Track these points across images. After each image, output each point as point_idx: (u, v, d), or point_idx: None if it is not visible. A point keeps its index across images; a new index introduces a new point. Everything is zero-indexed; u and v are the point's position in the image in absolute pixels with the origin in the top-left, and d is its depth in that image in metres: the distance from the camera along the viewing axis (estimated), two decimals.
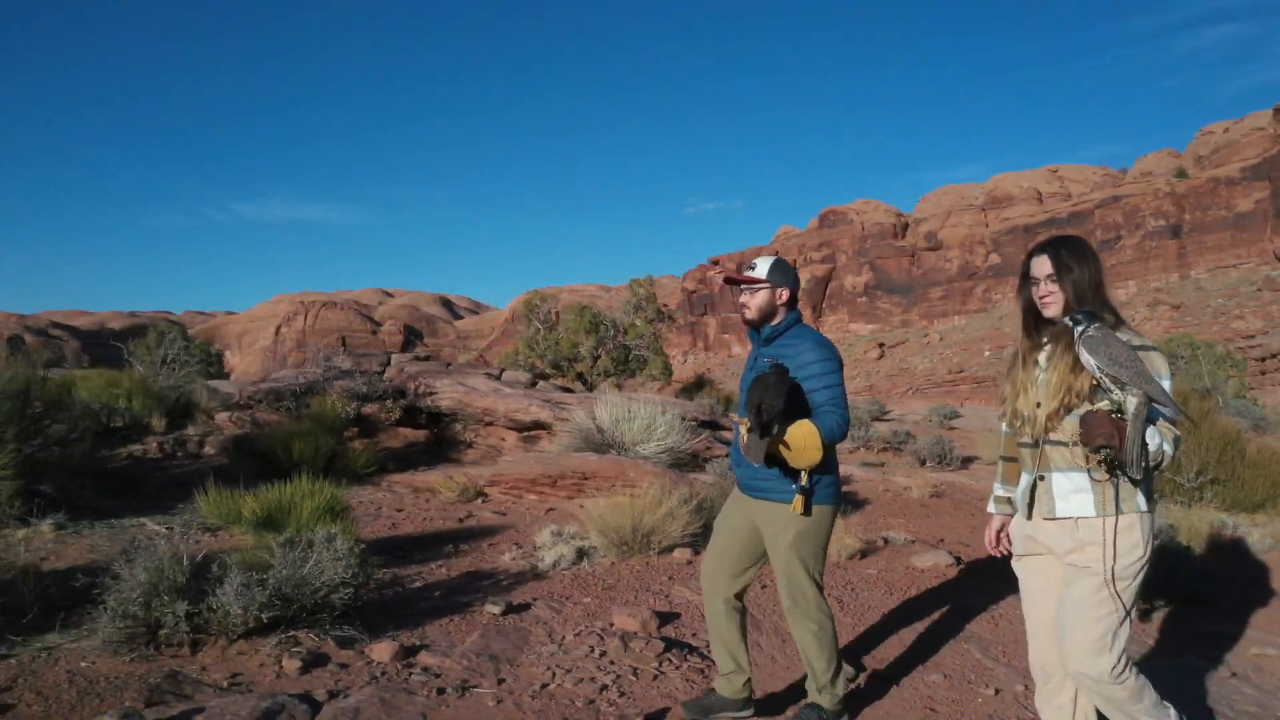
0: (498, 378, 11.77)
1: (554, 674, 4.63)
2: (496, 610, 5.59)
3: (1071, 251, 2.99)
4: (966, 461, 13.56)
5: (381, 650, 4.80)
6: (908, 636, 5.30)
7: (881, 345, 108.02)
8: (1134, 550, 2.85)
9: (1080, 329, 2.82)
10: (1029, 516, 3.07)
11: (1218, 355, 21.73)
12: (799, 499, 3.64)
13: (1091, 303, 2.93)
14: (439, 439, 10.79)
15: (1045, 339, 3.06)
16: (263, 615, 4.66)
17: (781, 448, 3.52)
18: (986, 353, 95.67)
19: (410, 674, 4.59)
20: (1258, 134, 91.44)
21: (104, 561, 6.45)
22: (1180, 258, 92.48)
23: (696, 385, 18.93)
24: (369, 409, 10.25)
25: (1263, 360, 66.92)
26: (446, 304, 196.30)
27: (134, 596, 4.58)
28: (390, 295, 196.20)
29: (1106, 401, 2.76)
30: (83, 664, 4.47)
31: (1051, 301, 3.00)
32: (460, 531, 7.89)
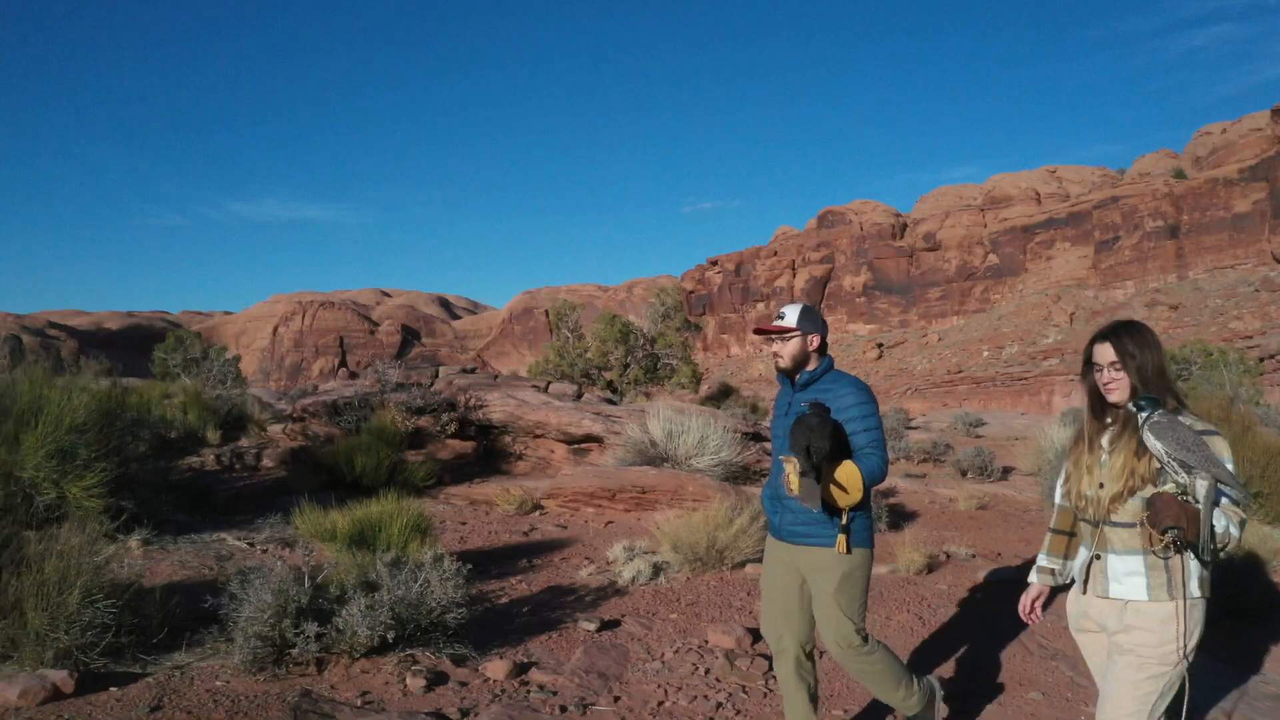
0: (545, 390, 11.99)
1: (666, 692, 4.84)
2: (591, 627, 5.80)
3: (1133, 338, 3.08)
4: (1005, 472, 13.78)
5: (496, 668, 5.00)
6: (995, 653, 5.51)
7: (880, 345, 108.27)
8: (1181, 638, 2.91)
9: (1145, 415, 2.91)
10: (1084, 591, 3.16)
11: (1230, 361, 21.94)
12: (842, 539, 3.67)
13: (1155, 387, 3.00)
14: (487, 450, 11.00)
15: (1110, 421, 3.14)
16: (387, 635, 4.88)
17: (834, 488, 3.56)
18: (985, 353, 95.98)
19: (528, 692, 4.80)
20: (1255, 135, 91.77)
21: (197, 578, 6.67)
22: (1178, 258, 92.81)
23: (723, 393, 19.13)
24: (421, 421, 10.46)
25: (1261, 361, 67.28)
26: (444, 304, 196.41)
27: (264, 617, 4.78)
28: (388, 295, 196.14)
29: (1171, 485, 2.85)
30: (218, 683, 4.67)
31: (1116, 387, 3.08)
32: (528, 545, 8.09)
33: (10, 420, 6.81)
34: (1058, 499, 3.37)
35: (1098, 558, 3.09)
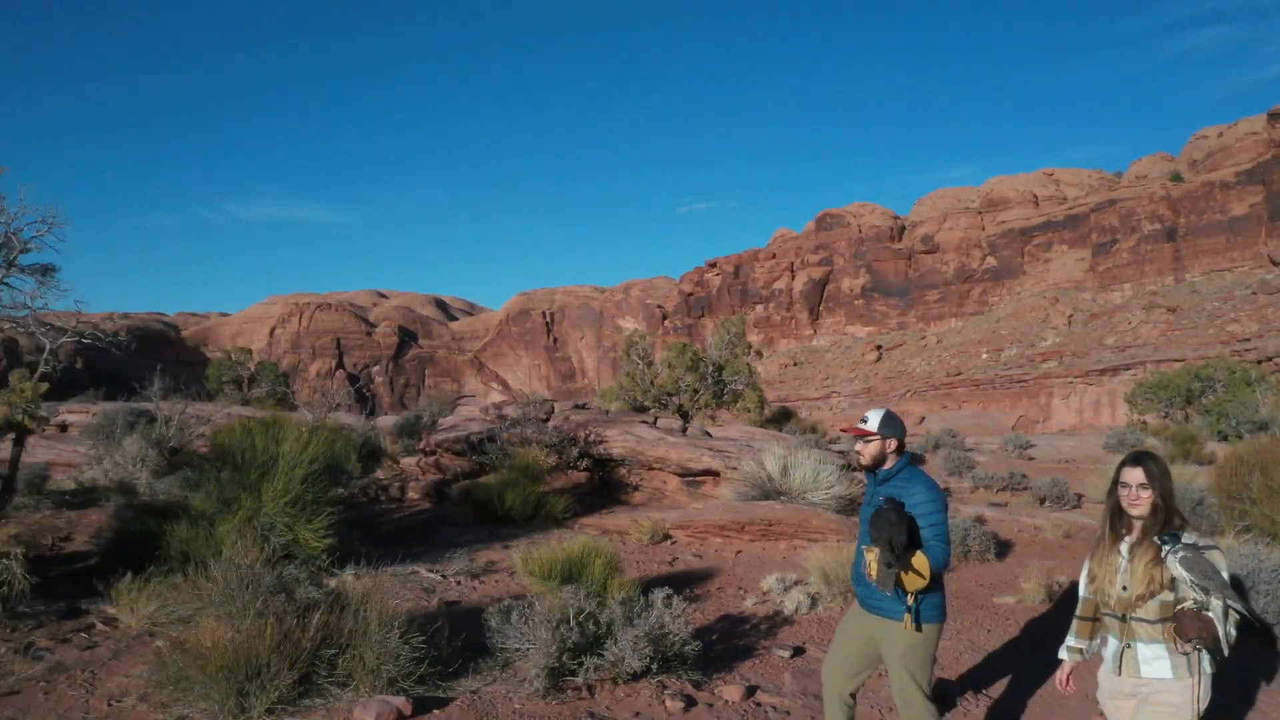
0: (654, 425, 12.98)
1: (882, 714, 5.84)
2: (785, 654, 6.79)
3: (1157, 465, 3.95)
4: (1078, 499, 14.77)
5: (731, 692, 5.98)
6: None
7: (879, 348, 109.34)
8: (1203, 699, 3.81)
9: (1168, 547, 3.77)
10: (1119, 674, 3.94)
11: (1254, 379, 22.48)
12: (908, 617, 4.37)
13: (1168, 505, 3.88)
14: (602, 482, 11.97)
15: (1125, 532, 3.98)
16: (651, 665, 5.87)
17: (911, 573, 4.29)
18: (984, 355, 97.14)
19: (766, 713, 5.78)
20: (1252, 138, 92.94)
21: (419, 610, 7.60)
22: (1175, 261, 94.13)
23: (783, 415, 20.12)
24: (550, 457, 11.42)
25: (1258, 364, 68.51)
26: (441, 305, 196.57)
27: (550, 650, 5.77)
28: (384, 296, 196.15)
29: (1191, 601, 3.70)
30: (516, 705, 5.64)
31: (1140, 503, 3.91)
32: (677, 575, 9.05)
33: (253, 473, 7.78)
34: (1082, 592, 4.21)
35: (1128, 647, 3.91)
